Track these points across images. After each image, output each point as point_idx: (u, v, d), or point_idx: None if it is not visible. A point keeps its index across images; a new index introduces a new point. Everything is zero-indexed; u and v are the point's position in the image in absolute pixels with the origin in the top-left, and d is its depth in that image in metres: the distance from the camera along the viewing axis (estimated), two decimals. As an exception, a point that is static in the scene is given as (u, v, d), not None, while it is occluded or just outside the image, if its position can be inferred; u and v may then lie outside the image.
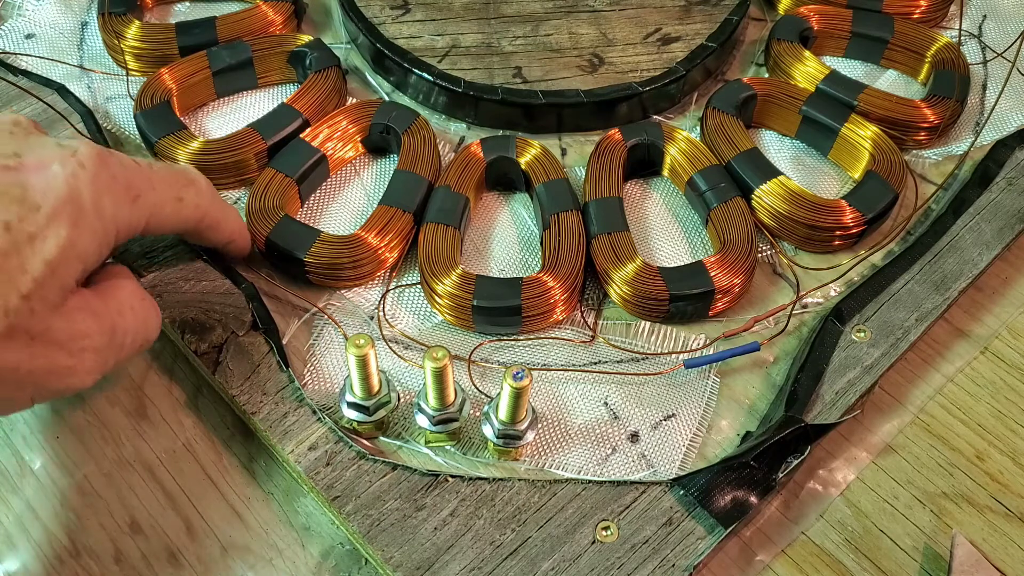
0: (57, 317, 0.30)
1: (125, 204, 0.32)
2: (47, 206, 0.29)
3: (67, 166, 0.30)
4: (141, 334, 0.34)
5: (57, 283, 0.29)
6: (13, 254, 0.28)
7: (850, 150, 0.47)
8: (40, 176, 0.30)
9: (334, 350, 0.40)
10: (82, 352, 0.31)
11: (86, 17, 0.54)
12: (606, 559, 0.34)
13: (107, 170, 0.31)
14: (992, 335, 0.43)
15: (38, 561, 0.36)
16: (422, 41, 0.51)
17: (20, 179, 0.29)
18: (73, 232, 0.29)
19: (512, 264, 0.44)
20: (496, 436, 0.36)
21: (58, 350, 0.30)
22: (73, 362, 0.30)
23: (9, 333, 0.28)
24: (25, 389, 0.30)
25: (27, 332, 0.29)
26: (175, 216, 0.35)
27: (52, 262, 0.29)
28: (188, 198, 0.35)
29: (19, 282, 0.28)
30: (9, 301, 0.28)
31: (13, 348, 0.28)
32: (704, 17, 0.52)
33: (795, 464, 0.36)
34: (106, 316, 0.32)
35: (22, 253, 0.28)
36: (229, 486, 0.38)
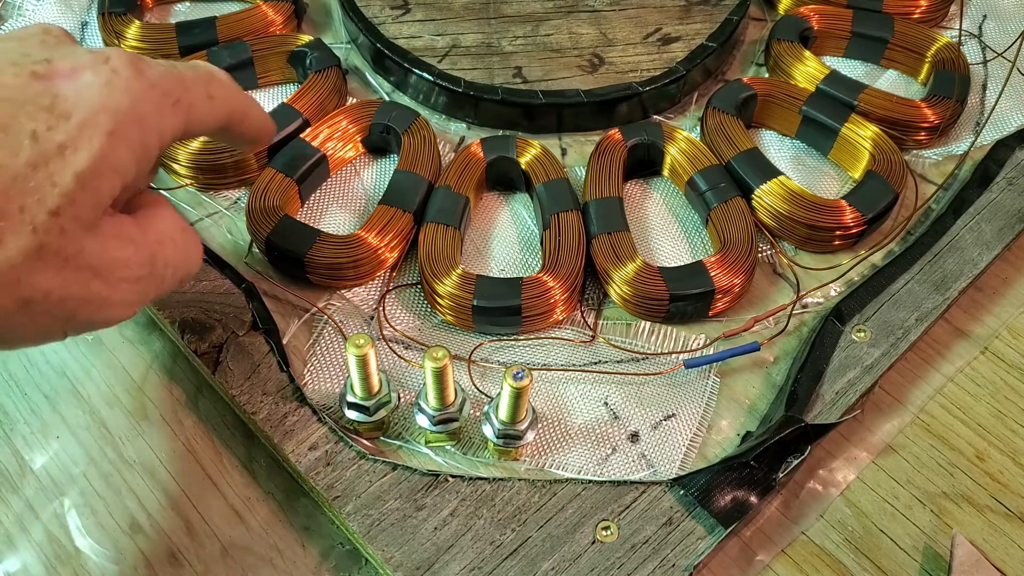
0: (91, 239, 0.27)
1: (166, 110, 0.30)
2: (79, 115, 0.27)
3: (101, 74, 0.28)
4: (182, 267, 0.32)
5: (90, 199, 0.27)
6: (41, 166, 0.26)
7: (850, 150, 0.47)
8: (71, 84, 0.27)
9: (334, 350, 0.40)
10: (119, 282, 0.28)
11: (86, 17, 0.54)
12: (606, 559, 0.34)
13: (143, 76, 0.29)
14: (992, 335, 0.43)
15: (38, 561, 0.36)
16: (422, 41, 0.51)
17: (50, 87, 0.27)
18: (108, 142, 0.27)
19: (512, 264, 0.44)
20: (496, 436, 0.36)
21: (93, 277, 0.27)
22: (109, 292, 0.28)
23: (39, 253, 0.26)
24: (57, 318, 0.27)
25: (58, 254, 0.26)
26: (210, 114, 0.32)
27: (84, 175, 0.26)
28: (218, 94, 0.33)
29: (48, 197, 0.26)
30: (37, 217, 0.25)
31: (44, 271, 0.26)
32: (704, 17, 0.52)
33: (795, 464, 0.36)
34: (145, 245, 0.30)
35: (51, 165, 0.26)
36: (229, 486, 0.38)
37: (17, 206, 0.25)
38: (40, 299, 0.26)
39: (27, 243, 0.25)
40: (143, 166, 0.29)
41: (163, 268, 0.30)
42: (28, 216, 0.25)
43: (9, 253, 0.25)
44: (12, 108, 0.26)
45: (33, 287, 0.26)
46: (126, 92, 0.28)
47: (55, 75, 0.27)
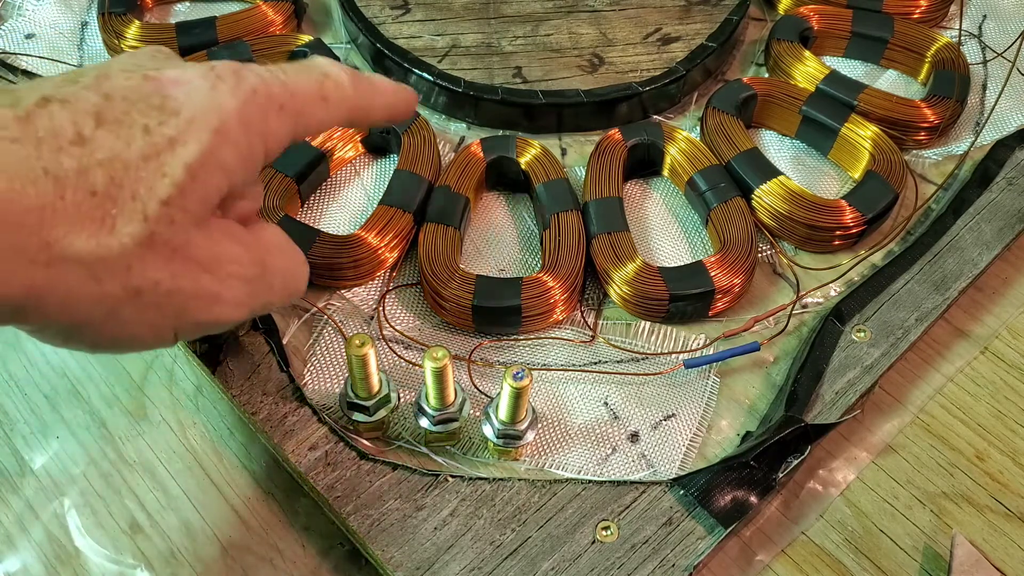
0: (200, 234, 0.28)
1: (271, 115, 0.30)
2: (187, 113, 0.28)
3: (207, 79, 0.29)
4: (292, 278, 0.32)
5: (199, 192, 0.27)
6: (153, 157, 0.26)
7: (850, 150, 0.47)
8: (180, 88, 0.28)
9: (334, 350, 0.40)
10: (229, 279, 0.29)
11: (86, 17, 0.54)
12: (606, 559, 0.34)
13: (247, 82, 0.29)
14: (992, 335, 0.43)
15: (38, 561, 0.36)
16: (422, 41, 0.51)
17: (159, 88, 0.28)
18: (215, 139, 0.28)
19: (512, 264, 0.44)
20: (496, 436, 0.36)
21: (202, 271, 0.28)
22: (219, 288, 0.29)
23: (149, 241, 0.26)
24: (167, 313, 0.28)
25: (168, 244, 0.27)
26: (326, 116, 0.32)
27: (193, 167, 0.27)
28: (332, 95, 0.32)
29: (159, 187, 0.26)
30: (149, 206, 0.26)
31: (154, 262, 0.27)
32: (704, 17, 0.52)
33: (795, 464, 0.36)
34: (255, 248, 0.30)
35: (162, 156, 0.27)
36: (229, 486, 0.38)
37: (129, 194, 0.26)
38: (150, 289, 0.27)
39: (138, 230, 0.26)
40: (249, 169, 0.30)
41: (272, 275, 0.31)
42: (140, 204, 0.26)
43: (121, 239, 0.26)
44: (126, 105, 0.27)
45: (143, 276, 0.26)
46: (231, 95, 0.29)
47: (164, 80, 0.28)
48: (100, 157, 0.26)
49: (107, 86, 0.27)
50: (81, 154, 0.26)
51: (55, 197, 0.25)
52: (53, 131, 0.25)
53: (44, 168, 0.25)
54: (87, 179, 0.25)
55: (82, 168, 0.25)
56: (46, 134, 0.25)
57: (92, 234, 0.25)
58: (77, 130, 0.26)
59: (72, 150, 0.25)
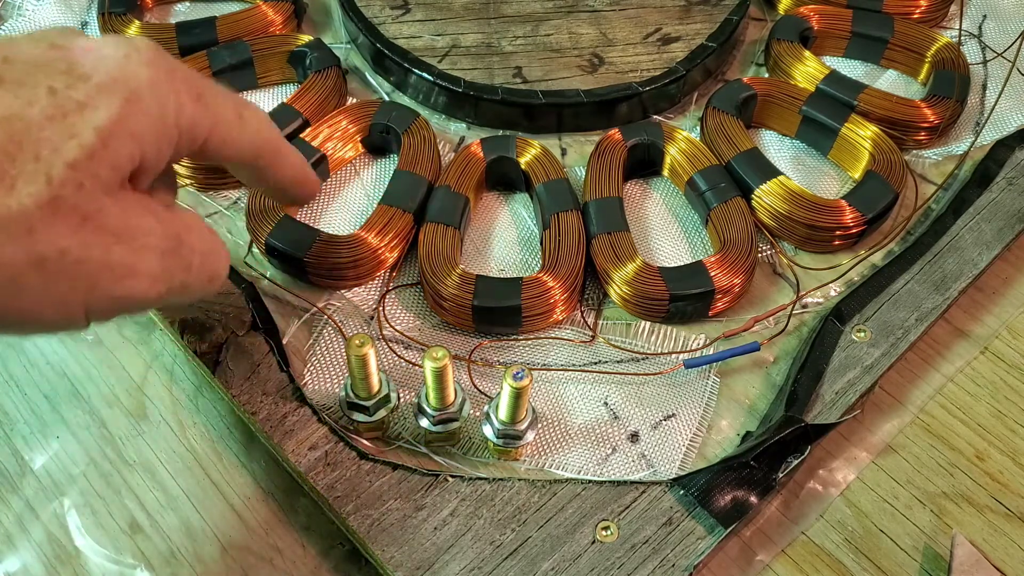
0: (112, 202, 0.26)
1: (187, 99, 0.29)
2: (98, 78, 0.26)
3: (120, 48, 0.27)
4: (210, 259, 0.31)
5: (109, 159, 0.26)
6: (59, 118, 0.25)
7: (850, 150, 0.47)
8: (90, 55, 0.27)
9: (334, 350, 0.40)
10: (143, 250, 0.27)
11: (86, 17, 0.54)
12: (606, 559, 0.34)
13: (164, 60, 0.28)
14: (992, 335, 0.43)
15: (38, 561, 0.36)
16: (422, 41, 0.51)
17: (68, 55, 0.26)
18: (127, 107, 0.26)
19: (512, 264, 0.44)
20: (496, 436, 0.36)
21: (115, 242, 0.26)
22: (133, 260, 0.27)
23: (54, 205, 0.25)
24: (77, 286, 0.26)
25: (76, 210, 0.25)
26: (239, 136, 0.31)
27: (103, 131, 0.25)
28: (249, 118, 0.32)
29: (65, 148, 0.25)
30: (53, 167, 0.25)
31: (61, 228, 0.25)
32: (704, 17, 0.52)
33: (795, 464, 0.36)
34: (170, 224, 0.29)
35: (69, 118, 0.25)
36: (229, 486, 0.38)
37: (31, 154, 0.25)
38: (55, 258, 0.25)
39: (41, 192, 0.24)
40: (162, 145, 0.28)
41: (189, 253, 0.29)
42: (43, 165, 0.25)
43: (21, 200, 0.24)
44: (29, 68, 0.26)
45: (48, 242, 0.25)
46: (144, 66, 0.27)
47: (73, 47, 0.27)
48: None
49: (9, 50, 0.26)
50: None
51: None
52: None
53: None
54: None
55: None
56: None
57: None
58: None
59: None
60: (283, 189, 0.36)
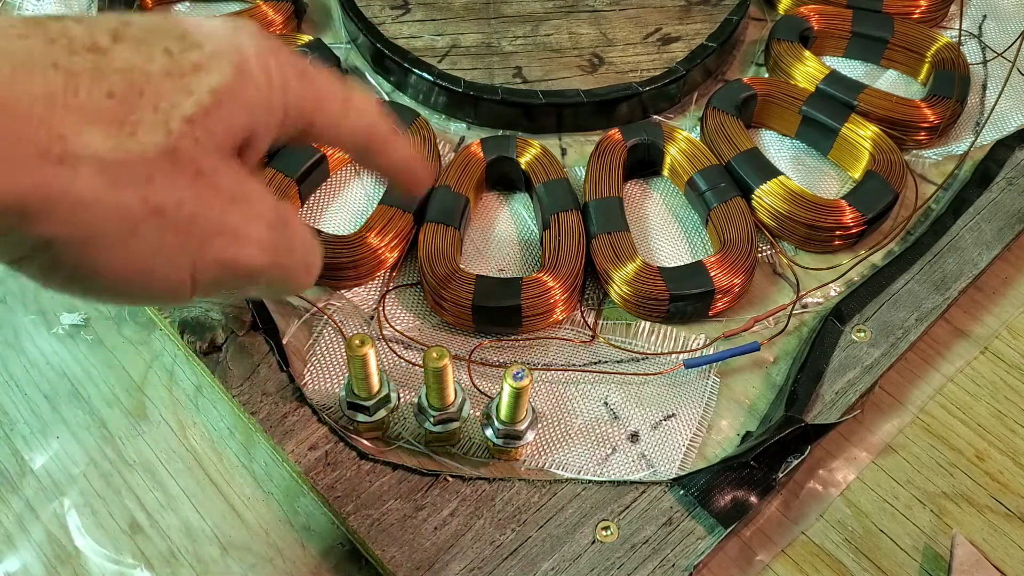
0: (226, 165, 0.26)
1: (292, 75, 0.28)
2: (210, 46, 0.26)
3: (228, 24, 0.28)
4: (309, 249, 0.30)
5: (224, 120, 0.26)
6: (176, 76, 0.25)
7: (850, 150, 0.47)
8: (200, 27, 0.27)
9: (334, 350, 0.40)
10: (256, 218, 0.27)
11: (86, 17, 0.54)
12: (606, 559, 0.34)
13: (270, 39, 0.28)
14: (992, 335, 0.43)
15: (38, 561, 0.36)
16: (422, 41, 0.51)
17: (180, 25, 0.27)
18: (238, 77, 0.26)
19: (512, 264, 0.44)
20: (496, 436, 0.36)
21: (229, 202, 0.26)
22: (245, 224, 0.27)
23: (173, 157, 0.25)
24: (188, 244, 0.26)
25: (193, 164, 0.25)
26: (344, 118, 0.31)
27: (218, 92, 0.26)
28: (356, 101, 0.31)
29: (184, 103, 0.25)
30: (172, 120, 0.25)
31: (177, 178, 0.25)
32: (704, 17, 0.52)
33: (795, 464, 0.36)
34: (280, 204, 0.28)
35: (186, 77, 0.25)
36: (229, 486, 0.38)
37: (151, 104, 0.25)
38: (173, 208, 0.25)
39: (161, 140, 0.24)
40: (271, 121, 0.28)
41: (293, 234, 0.29)
42: (162, 116, 0.25)
43: (143, 144, 0.24)
44: (146, 31, 0.26)
45: (166, 191, 0.25)
46: (251, 40, 0.28)
47: (185, 20, 0.27)
48: (118, 66, 0.24)
49: (124, 17, 0.26)
50: (96, 59, 0.24)
51: (67, 90, 0.23)
52: (67, 36, 0.24)
53: (54, 62, 0.23)
54: (103, 80, 0.24)
55: (98, 69, 0.24)
56: (59, 36, 0.24)
57: (111, 135, 0.24)
58: (93, 41, 0.24)
59: (87, 55, 0.24)
60: (391, 176, 0.35)
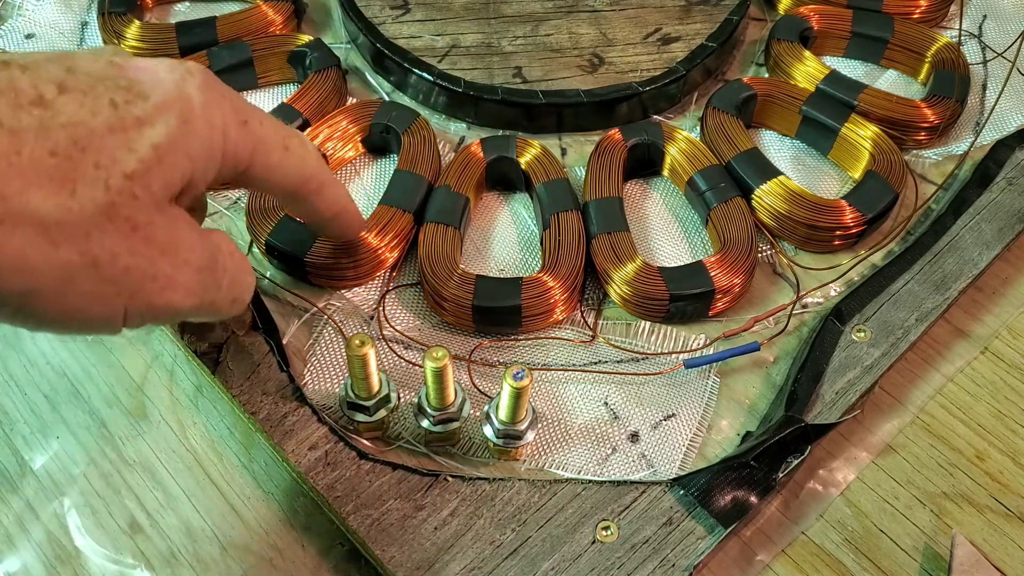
0: (161, 216, 0.27)
1: (233, 123, 0.30)
2: (156, 97, 0.27)
3: (176, 71, 0.28)
4: (238, 280, 0.32)
5: (163, 175, 0.27)
6: (119, 131, 0.26)
7: (850, 150, 0.47)
8: (148, 75, 0.28)
9: (334, 350, 0.40)
10: (184, 265, 0.28)
11: (86, 17, 0.54)
12: (606, 559, 0.34)
13: (216, 85, 0.29)
14: (992, 335, 0.43)
15: (38, 561, 0.36)
16: (422, 41, 0.51)
17: (127, 73, 0.28)
18: (183, 128, 0.27)
19: (512, 264, 0.44)
20: (496, 436, 0.36)
21: (160, 253, 0.27)
22: (174, 272, 0.28)
23: (110, 212, 0.26)
24: (121, 290, 0.27)
25: (129, 220, 0.26)
26: (281, 165, 0.32)
27: (160, 147, 0.27)
28: (295, 149, 0.33)
29: (124, 160, 0.26)
30: (112, 177, 0.26)
31: (113, 233, 0.26)
32: (704, 17, 0.52)
33: (795, 464, 0.36)
34: (208, 242, 0.30)
35: (129, 132, 0.26)
36: (229, 486, 0.38)
37: (92, 161, 0.25)
38: (107, 262, 0.26)
39: (100, 197, 0.25)
40: (209, 168, 0.29)
41: (222, 272, 0.31)
42: (103, 173, 0.26)
43: (82, 203, 0.25)
44: (91, 80, 0.27)
45: (102, 245, 0.26)
46: (199, 90, 0.29)
47: (131, 66, 0.28)
48: (62, 121, 0.25)
49: (71, 62, 0.27)
50: (42, 115, 0.25)
51: (10, 150, 0.24)
52: (13, 89, 0.25)
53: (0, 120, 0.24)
54: (47, 138, 0.25)
55: (42, 127, 0.25)
56: (5, 89, 0.25)
57: (51, 194, 0.25)
58: (38, 93, 0.25)
59: (32, 110, 0.25)
60: (322, 223, 0.37)
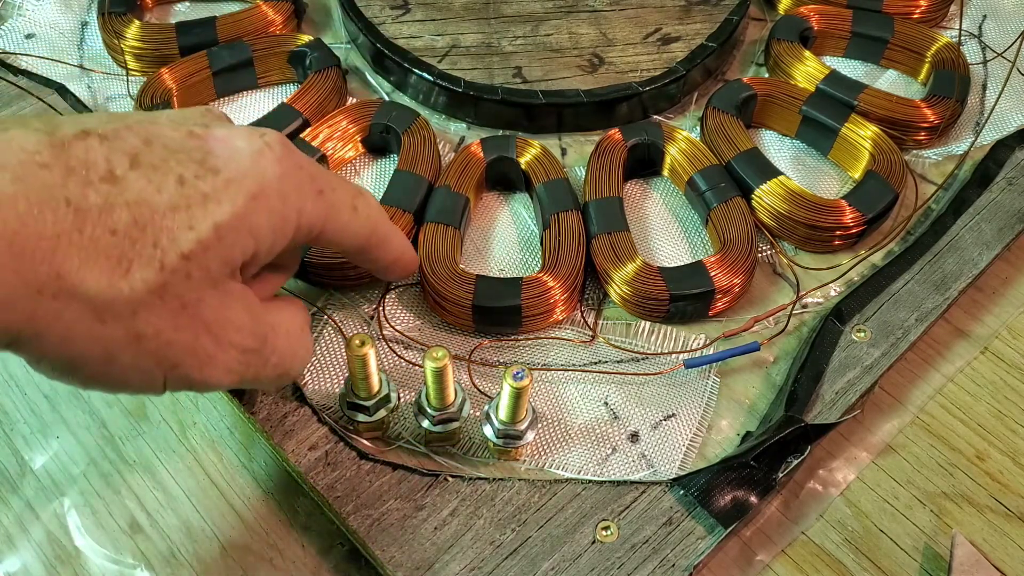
0: (213, 293, 0.28)
1: (309, 195, 0.30)
2: (227, 173, 0.27)
3: (254, 143, 0.29)
4: (287, 361, 0.32)
5: (222, 253, 0.27)
6: (182, 209, 0.26)
7: (850, 150, 0.47)
8: (225, 146, 0.28)
9: (334, 350, 0.40)
10: (227, 345, 0.29)
11: (86, 17, 0.54)
12: (606, 559, 0.34)
13: (294, 157, 0.30)
14: (992, 335, 0.43)
15: (38, 561, 0.36)
16: (422, 41, 0.51)
17: (204, 144, 0.28)
18: (250, 204, 0.28)
19: (512, 264, 0.44)
20: (496, 436, 0.36)
21: (205, 331, 0.28)
22: (216, 351, 0.28)
23: (161, 292, 0.26)
24: (161, 363, 0.27)
25: (179, 298, 0.26)
26: (351, 225, 0.33)
27: (221, 227, 0.27)
28: (361, 208, 0.33)
29: (182, 239, 0.26)
30: (168, 256, 0.26)
31: (161, 311, 0.26)
32: (704, 17, 0.52)
33: (795, 464, 0.36)
34: (262, 322, 0.30)
35: (192, 210, 0.26)
36: (229, 486, 0.38)
37: (151, 239, 0.26)
38: (151, 337, 0.26)
39: (153, 278, 0.26)
40: (278, 241, 0.29)
41: (270, 352, 0.31)
42: (159, 252, 0.26)
43: (134, 284, 0.25)
44: (165, 153, 0.27)
45: (147, 323, 0.26)
46: (275, 163, 0.29)
47: (210, 137, 0.28)
48: (128, 198, 0.26)
49: (151, 131, 0.27)
50: (109, 191, 0.25)
51: (73, 229, 0.24)
52: (86, 163, 0.25)
53: (67, 198, 0.25)
54: (110, 217, 0.25)
55: (107, 205, 0.25)
56: (78, 164, 0.25)
57: (105, 273, 0.25)
58: (110, 167, 0.26)
59: (100, 186, 0.25)
60: (384, 269, 0.37)
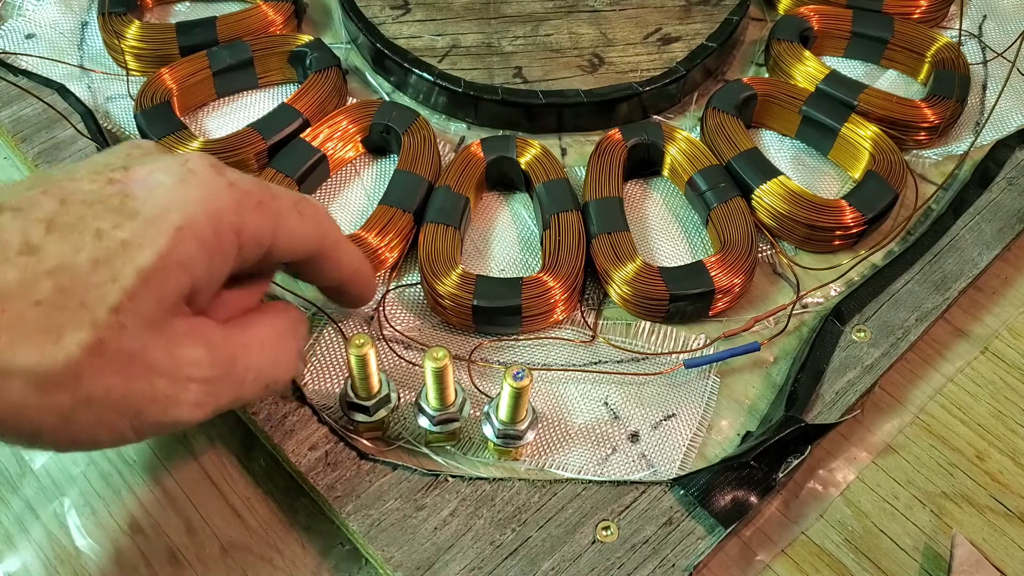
0: (155, 336, 0.27)
1: (247, 209, 0.29)
2: (146, 213, 0.27)
3: (175, 173, 0.28)
4: (267, 373, 0.31)
5: (153, 296, 0.27)
6: (103, 263, 0.26)
7: (850, 150, 0.47)
8: (143, 185, 0.28)
9: (334, 350, 0.40)
10: (187, 382, 0.28)
11: (86, 17, 0.54)
12: (606, 559, 0.34)
13: (221, 176, 0.29)
14: (992, 335, 0.43)
15: (38, 561, 0.36)
16: (422, 41, 0.51)
17: (123, 188, 0.27)
18: (175, 238, 0.27)
19: (512, 264, 0.44)
20: (496, 436, 0.36)
21: (157, 376, 0.27)
22: (175, 391, 0.28)
23: (99, 350, 0.25)
24: (123, 415, 0.27)
25: (120, 351, 0.26)
26: (300, 228, 0.32)
27: (146, 271, 0.26)
28: (307, 210, 0.32)
29: (108, 293, 0.26)
30: (97, 314, 0.25)
31: (105, 369, 0.26)
32: (704, 17, 0.52)
33: (795, 464, 0.36)
34: (224, 347, 0.29)
35: (113, 262, 0.26)
36: (229, 486, 0.38)
37: (78, 302, 0.25)
38: (101, 396, 0.26)
39: (86, 338, 0.25)
40: (218, 266, 0.29)
41: (243, 371, 0.30)
42: (88, 312, 0.25)
43: (68, 349, 0.25)
44: (82, 209, 0.27)
45: (94, 383, 0.26)
46: (200, 187, 0.28)
47: (128, 179, 0.28)
48: (47, 266, 0.25)
49: (67, 189, 0.27)
50: (27, 263, 0.25)
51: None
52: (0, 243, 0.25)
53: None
54: (32, 289, 0.25)
55: (27, 278, 0.25)
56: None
57: (36, 346, 0.25)
58: (25, 239, 0.26)
59: (18, 260, 0.25)
60: (341, 285, 0.36)
